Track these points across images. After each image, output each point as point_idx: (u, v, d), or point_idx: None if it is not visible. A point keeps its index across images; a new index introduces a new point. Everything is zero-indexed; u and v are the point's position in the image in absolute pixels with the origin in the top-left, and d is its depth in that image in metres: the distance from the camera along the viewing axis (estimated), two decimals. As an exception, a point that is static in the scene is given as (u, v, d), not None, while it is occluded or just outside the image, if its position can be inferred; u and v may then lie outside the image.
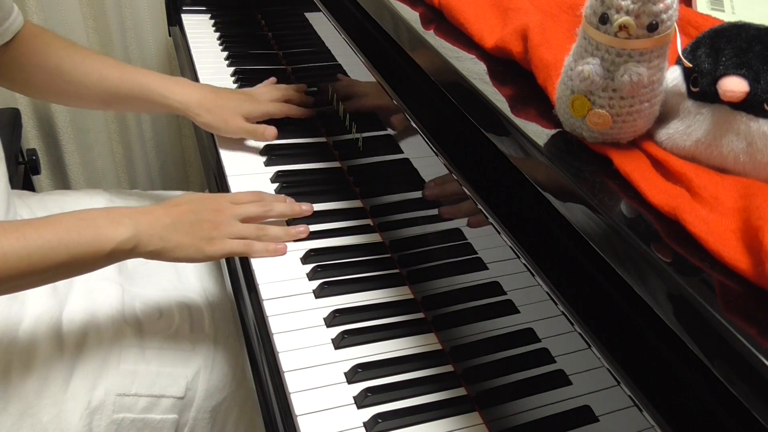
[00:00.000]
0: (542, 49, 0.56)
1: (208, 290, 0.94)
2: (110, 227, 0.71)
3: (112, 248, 0.71)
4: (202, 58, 1.25)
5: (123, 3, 1.49)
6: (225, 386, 0.88)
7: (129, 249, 0.72)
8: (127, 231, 0.72)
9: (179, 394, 0.84)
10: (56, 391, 0.76)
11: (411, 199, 0.80)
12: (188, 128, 1.71)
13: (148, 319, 0.86)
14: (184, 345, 0.86)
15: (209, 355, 0.87)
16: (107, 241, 0.70)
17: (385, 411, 0.66)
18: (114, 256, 0.72)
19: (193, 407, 0.86)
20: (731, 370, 0.35)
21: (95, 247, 0.70)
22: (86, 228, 0.70)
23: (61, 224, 0.69)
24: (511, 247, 0.57)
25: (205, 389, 0.86)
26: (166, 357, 0.84)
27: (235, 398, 0.90)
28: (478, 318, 0.67)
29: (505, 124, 0.53)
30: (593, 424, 0.51)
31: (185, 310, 0.89)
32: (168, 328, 0.86)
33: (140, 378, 0.81)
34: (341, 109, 0.97)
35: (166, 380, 0.83)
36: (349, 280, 0.80)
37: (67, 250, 0.68)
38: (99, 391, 0.79)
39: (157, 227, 0.75)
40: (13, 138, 1.31)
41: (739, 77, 0.43)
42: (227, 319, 0.92)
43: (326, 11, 0.93)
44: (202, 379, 0.86)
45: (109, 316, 0.83)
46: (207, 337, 0.88)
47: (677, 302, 0.38)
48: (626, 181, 0.46)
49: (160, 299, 0.89)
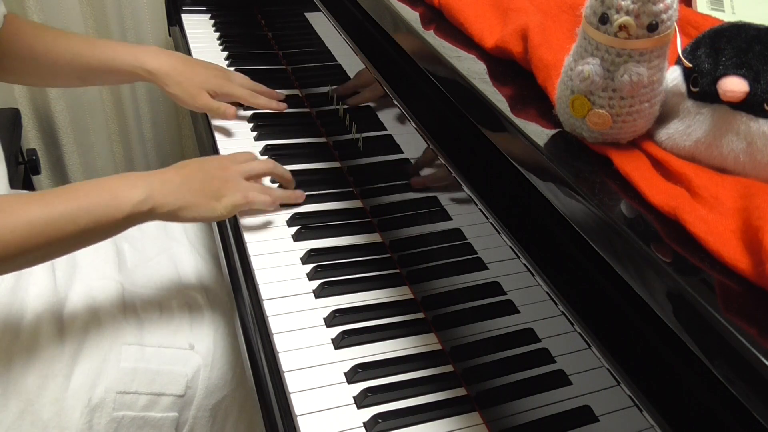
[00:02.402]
0: (542, 49, 0.56)
1: (209, 289, 0.94)
2: (126, 190, 0.73)
3: (129, 210, 0.72)
4: (202, 58, 1.24)
5: (123, 3, 1.50)
6: (225, 385, 0.88)
7: (146, 211, 0.74)
8: (141, 192, 0.73)
9: (179, 392, 0.84)
10: (57, 389, 0.77)
11: (411, 199, 0.80)
12: (188, 128, 1.72)
13: (148, 317, 0.86)
14: (184, 343, 0.86)
15: (209, 354, 0.87)
16: (124, 203, 0.72)
17: (385, 411, 0.66)
18: (132, 218, 0.73)
19: (193, 405, 0.86)
20: (731, 370, 0.35)
21: (113, 210, 0.71)
22: (103, 191, 0.72)
23: (80, 190, 0.71)
24: (511, 247, 0.57)
25: (205, 387, 0.86)
26: (166, 355, 0.84)
27: (235, 397, 0.90)
28: (478, 318, 0.67)
29: (505, 124, 0.53)
30: (593, 424, 0.51)
31: (185, 309, 0.89)
32: (168, 326, 0.86)
33: (140, 376, 0.82)
34: (341, 109, 0.97)
35: (166, 378, 0.83)
36: (349, 280, 0.80)
37: (88, 214, 0.69)
38: (99, 389, 0.79)
39: (170, 187, 0.77)
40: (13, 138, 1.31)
41: (739, 77, 0.43)
42: (227, 319, 0.92)
43: (326, 11, 0.93)
44: (202, 377, 0.86)
45: (110, 315, 0.83)
46: (207, 335, 0.88)
47: (677, 302, 0.38)
48: (626, 181, 0.46)
49: (161, 297, 0.89)
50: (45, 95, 1.52)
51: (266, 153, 1.00)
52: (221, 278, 0.98)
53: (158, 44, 1.57)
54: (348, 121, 0.94)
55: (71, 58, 0.96)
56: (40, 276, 0.82)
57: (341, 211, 0.91)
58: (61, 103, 1.53)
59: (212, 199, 0.80)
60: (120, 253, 0.94)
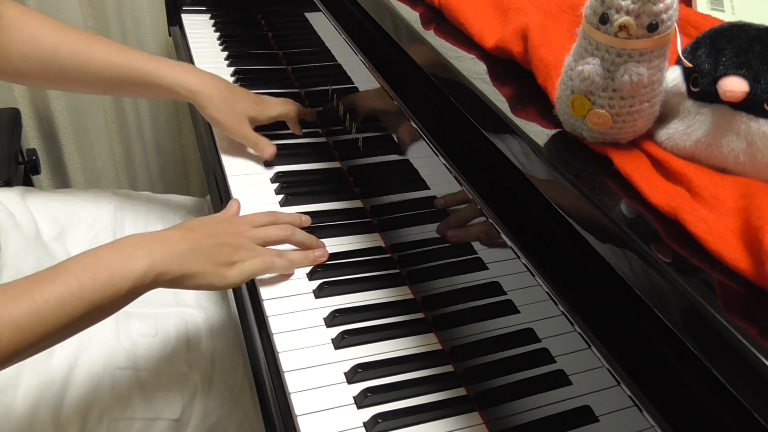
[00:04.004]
0: (542, 49, 0.56)
1: (207, 307, 0.91)
2: (123, 264, 0.65)
3: (129, 287, 0.65)
4: (202, 58, 1.25)
5: (123, 3, 1.49)
6: (222, 406, 0.85)
7: (148, 283, 0.67)
8: (142, 264, 0.66)
9: (175, 416, 0.81)
10: (47, 417, 0.74)
11: (411, 199, 0.80)
12: (188, 128, 1.71)
13: (143, 339, 0.82)
14: (180, 366, 0.83)
15: (206, 375, 0.84)
16: (123, 281, 0.64)
17: (385, 411, 0.66)
18: (133, 293, 0.66)
19: (189, 428, 0.83)
20: (731, 370, 0.35)
21: (112, 290, 0.64)
22: (97, 272, 0.63)
23: (70, 274, 0.62)
24: (511, 247, 0.57)
25: (201, 410, 0.83)
26: (162, 379, 0.81)
27: (233, 417, 0.87)
28: (478, 318, 0.67)
29: (505, 124, 0.53)
30: (593, 424, 0.51)
31: (183, 327, 0.86)
32: (164, 349, 0.83)
33: (135, 402, 0.79)
34: (341, 109, 0.97)
35: (161, 403, 0.80)
36: (349, 280, 0.80)
37: (83, 301, 0.61)
38: (92, 415, 0.76)
39: (174, 254, 0.69)
40: (13, 138, 1.31)
41: (739, 77, 0.43)
42: (225, 337, 0.89)
43: (326, 11, 0.93)
44: (199, 399, 0.83)
45: (103, 337, 0.80)
46: (204, 356, 0.85)
47: (677, 302, 0.38)
48: (626, 181, 0.46)
49: (157, 316, 0.86)
50: (45, 95, 1.52)
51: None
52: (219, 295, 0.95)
53: (158, 44, 1.57)
54: (348, 121, 0.94)
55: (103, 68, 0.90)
56: None
57: (341, 211, 0.91)
58: (61, 103, 1.52)
59: (221, 267, 0.72)
60: None
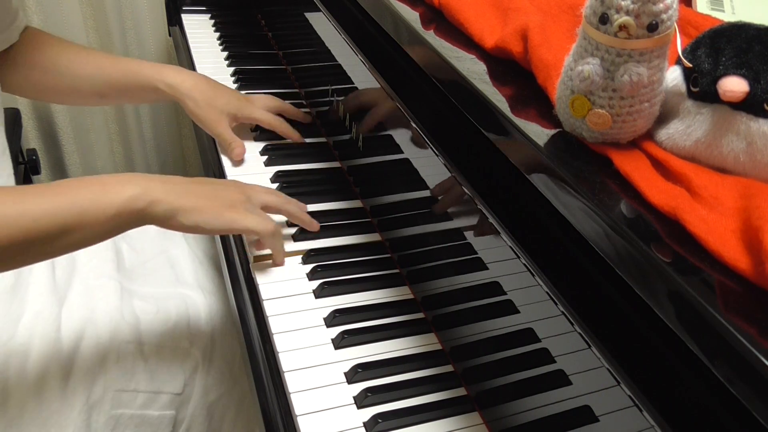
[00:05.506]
0: (542, 49, 0.56)
1: (206, 288, 0.94)
2: (117, 183, 0.67)
3: (119, 205, 0.65)
4: (202, 58, 1.25)
5: (123, 3, 1.50)
6: (222, 383, 0.89)
7: (139, 208, 0.67)
8: (136, 187, 0.67)
9: (177, 390, 0.84)
10: (55, 387, 0.77)
11: (411, 199, 0.80)
12: (188, 128, 1.71)
13: (146, 315, 0.86)
14: (182, 342, 0.86)
15: (207, 352, 0.87)
16: (115, 196, 0.65)
17: (385, 411, 0.66)
18: (123, 216, 0.66)
19: (191, 403, 0.86)
20: (731, 370, 0.35)
21: (101, 205, 0.64)
22: (93, 185, 0.66)
23: (63, 184, 0.65)
24: (511, 247, 0.57)
25: (202, 385, 0.86)
26: (164, 353, 0.84)
27: (232, 395, 0.90)
28: (478, 318, 0.67)
29: (505, 124, 0.53)
30: (593, 424, 0.51)
31: (183, 307, 0.89)
32: (165, 325, 0.86)
33: (138, 374, 0.82)
34: (341, 109, 0.97)
35: (164, 376, 0.83)
36: (349, 280, 0.80)
37: (74, 205, 0.63)
38: (98, 386, 0.79)
39: (171, 186, 0.70)
40: (13, 138, 1.31)
41: (739, 77, 0.43)
42: (224, 316, 0.92)
43: (326, 11, 0.93)
44: (200, 375, 0.86)
45: (108, 313, 0.83)
46: (204, 333, 0.88)
47: (677, 302, 0.38)
48: (626, 181, 0.46)
49: (158, 296, 0.89)
50: (45, 95, 1.52)
51: (265, 154, 1.00)
52: (220, 277, 0.98)
53: (158, 44, 1.57)
54: (348, 121, 0.94)
55: (93, 72, 0.95)
56: (40, 275, 0.83)
57: (341, 211, 0.91)
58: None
59: (222, 207, 0.73)
60: (119, 253, 0.94)
